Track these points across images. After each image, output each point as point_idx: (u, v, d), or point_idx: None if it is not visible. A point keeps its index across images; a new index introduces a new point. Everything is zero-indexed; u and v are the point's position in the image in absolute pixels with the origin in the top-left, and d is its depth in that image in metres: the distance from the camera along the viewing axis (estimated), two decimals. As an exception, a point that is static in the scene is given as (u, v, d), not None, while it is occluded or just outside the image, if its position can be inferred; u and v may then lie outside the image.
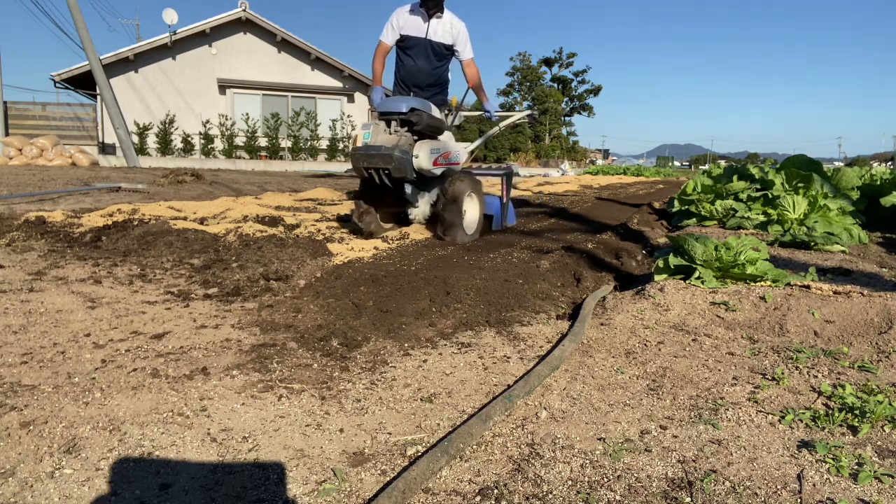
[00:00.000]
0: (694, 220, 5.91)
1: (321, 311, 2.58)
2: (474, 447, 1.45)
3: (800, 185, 5.29)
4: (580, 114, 58.61)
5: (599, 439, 1.49)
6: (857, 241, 4.56)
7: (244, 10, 20.80)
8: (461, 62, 4.80)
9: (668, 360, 2.07)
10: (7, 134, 17.89)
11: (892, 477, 1.30)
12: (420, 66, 4.66)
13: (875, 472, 1.31)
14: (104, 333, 2.19)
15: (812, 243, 4.10)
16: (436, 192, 4.56)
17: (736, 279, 2.94)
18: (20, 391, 1.65)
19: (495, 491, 1.26)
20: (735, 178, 6.18)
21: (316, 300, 2.72)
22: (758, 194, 5.59)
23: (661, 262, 3.11)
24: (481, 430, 1.49)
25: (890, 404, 1.60)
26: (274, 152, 21.21)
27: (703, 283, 2.88)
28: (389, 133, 4.21)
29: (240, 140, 20.80)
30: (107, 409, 1.57)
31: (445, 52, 4.70)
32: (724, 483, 1.28)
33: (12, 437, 1.41)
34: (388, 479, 1.31)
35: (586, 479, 1.31)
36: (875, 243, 4.73)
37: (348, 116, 22.23)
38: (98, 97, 18.40)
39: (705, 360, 2.08)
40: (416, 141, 4.22)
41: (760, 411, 1.65)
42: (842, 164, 59.68)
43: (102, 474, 1.28)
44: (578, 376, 1.93)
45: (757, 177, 5.99)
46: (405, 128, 4.21)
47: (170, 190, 8.61)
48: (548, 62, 58.08)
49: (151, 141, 19.88)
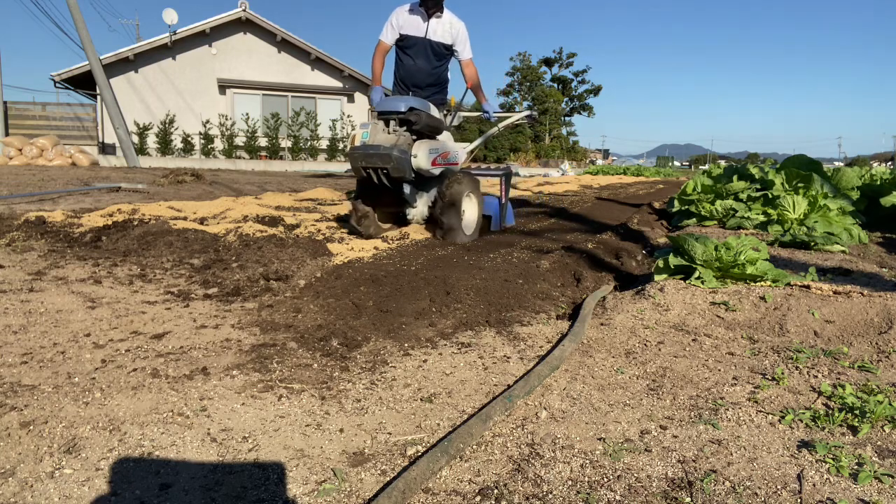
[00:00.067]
0: (694, 220, 5.91)
1: (321, 311, 2.58)
2: (474, 447, 1.45)
3: (800, 185, 5.29)
4: (580, 114, 58.68)
5: (599, 439, 1.49)
6: (857, 241, 4.57)
7: (244, 10, 20.81)
8: (460, 62, 4.80)
9: (668, 360, 2.07)
10: (7, 134, 17.89)
11: (892, 477, 1.30)
12: (419, 66, 4.66)
13: (875, 472, 1.31)
14: (104, 333, 2.19)
15: (812, 243, 4.11)
16: (434, 192, 4.55)
17: (736, 279, 2.94)
18: (20, 391, 1.65)
19: (495, 491, 1.26)
20: (735, 178, 6.18)
21: (316, 300, 2.72)
22: (758, 194, 5.59)
23: (661, 262, 3.11)
24: (481, 430, 1.49)
25: (890, 404, 1.60)
26: (274, 152, 21.21)
27: (703, 283, 2.88)
28: (388, 133, 4.19)
29: (240, 140, 20.82)
30: (107, 409, 1.57)
31: (445, 51, 4.69)
32: (724, 483, 1.28)
33: (12, 437, 1.41)
34: (388, 479, 1.31)
35: (586, 479, 1.31)
36: (875, 243, 4.73)
37: (348, 116, 22.23)
38: (98, 97, 18.40)
39: (705, 360, 2.08)
40: (414, 141, 4.21)
41: (760, 411, 1.65)
42: (842, 164, 59.68)
43: (102, 474, 1.28)
44: (578, 376, 1.93)
45: (757, 177, 5.99)
46: (404, 127, 4.19)
47: (170, 190, 8.61)
48: (548, 62, 58.11)
49: (151, 141, 19.89)
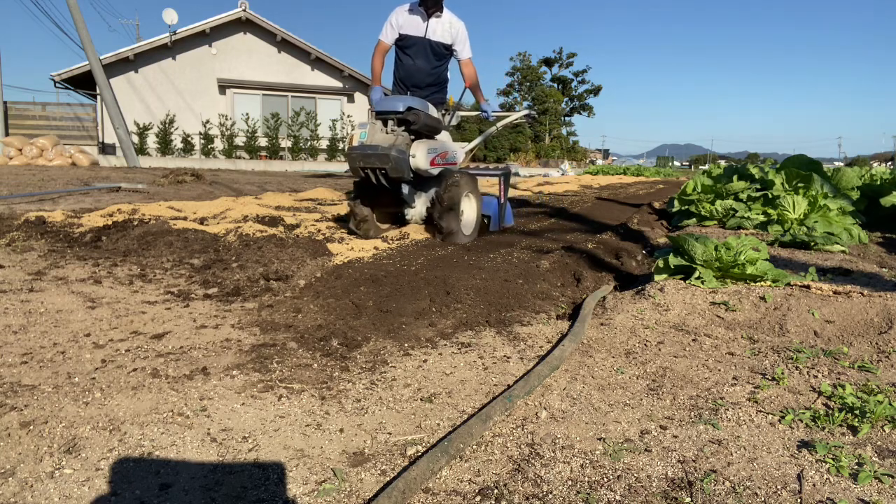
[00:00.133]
0: (694, 220, 5.91)
1: (321, 311, 2.58)
2: (474, 447, 1.45)
3: (800, 185, 5.29)
4: (580, 114, 58.67)
5: (599, 439, 1.49)
6: (857, 241, 4.56)
7: (244, 10, 20.82)
8: (459, 61, 4.79)
9: (668, 360, 2.07)
10: (7, 134, 17.90)
11: (892, 477, 1.30)
12: (419, 66, 4.65)
13: (875, 472, 1.31)
14: (104, 333, 2.19)
15: (812, 243, 4.10)
16: (433, 192, 4.55)
17: (736, 279, 2.94)
18: (20, 391, 1.65)
19: (495, 491, 1.26)
20: (735, 178, 6.18)
21: (316, 300, 2.72)
22: (758, 194, 5.59)
23: (661, 262, 3.11)
24: (481, 430, 1.49)
25: (890, 404, 1.60)
26: (274, 152, 21.21)
27: (703, 283, 2.88)
28: (386, 132, 4.18)
29: (240, 140, 20.82)
30: (107, 409, 1.57)
31: (444, 51, 4.69)
32: (724, 483, 1.28)
33: (12, 437, 1.41)
34: (388, 479, 1.31)
35: (586, 479, 1.31)
36: (875, 243, 4.73)
37: (348, 116, 22.23)
38: (98, 97, 18.41)
39: (705, 360, 2.08)
40: (413, 140, 4.20)
41: (760, 411, 1.65)
42: (842, 164, 59.69)
43: (102, 474, 1.28)
44: (578, 376, 1.93)
45: (757, 177, 5.99)
46: (402, 127, 4.18)
47: (170, 190, 8.61)
48: (548, 62, 58.10)
49: (151, 141, 19.89)
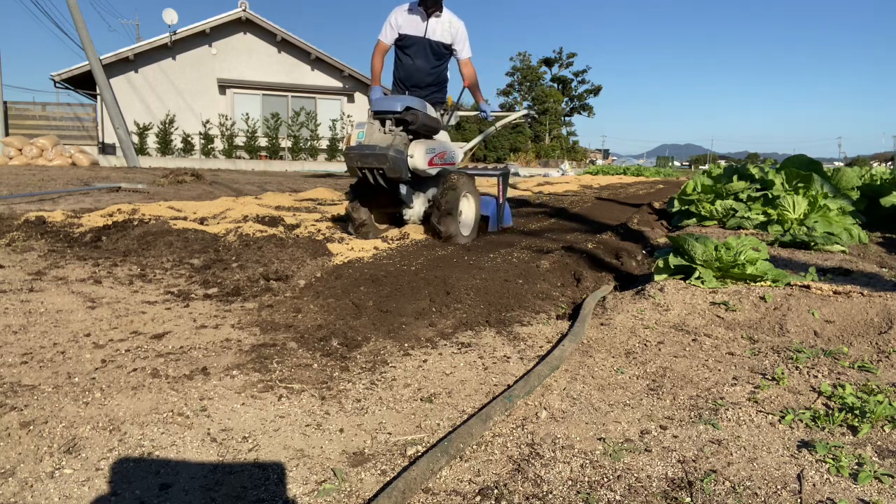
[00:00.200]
0: (694, 220, 5.91)
1: (321, 311, 2.58)
2: (474, 447, 1.45)
3: (800, 185, 5.29)
4: (580, 114, 58.64)
5: (599, 439, 1.49)
6: (857, 241, 4.56)
7: (244, 10, 20.82)
8: (458, 61, 4.78)
9: (668, 360, 2.07)
10: (7, 134, 17.89)
11: (892, 477, 1.30)
12: (419, 66, 4.65)
13: (875, 472, 1.31)
14: (104, 333, 2.19)
15: (812, 243, 4.10)
16: (431, 192, 4.54)
17: (736, 279, 2.94)
18: (20, 391, 1.65)
19: (495, 491, 1.26)
20: (735, 178, 6.18)
21: (316, 300, 2.72)
22: (758, 194, 5.59)
23: (661, 262, 3.11)
24: (481, 430, 1.49)
25: (890, 404, 1.60)
26: (274, 152, 21.21)
27: (703, 283, 2.88)
28: (384, 132, 4.16)
29: (240, 140, 20.82)
30: (107, 409, 1.57)
31: (444, 51, 4.68)
32: (724, 483, 1.28)
33: (12, 437, 1.41)
34: (388, 479, 1.31)
35: (586, 479, 1.31)
36: (875, 243, 4.73)
37: (348, 116, 22.24)
38: (98, 97, 18.41)
39: (705, 360, 2.08)
40: (411, 140, 4.19)
41: (760, 411, 1.65)
42: (842, 164, 59.68)
43: (102, 474, 1.28)
44: (578, 376, 1.93)
45: (757, 177, 5.99)
46: (400, 127, 4.16)
47: (170, 190, 8.61)
48: (548, 62, 58.08)
49: (151, 141, 19.89)
